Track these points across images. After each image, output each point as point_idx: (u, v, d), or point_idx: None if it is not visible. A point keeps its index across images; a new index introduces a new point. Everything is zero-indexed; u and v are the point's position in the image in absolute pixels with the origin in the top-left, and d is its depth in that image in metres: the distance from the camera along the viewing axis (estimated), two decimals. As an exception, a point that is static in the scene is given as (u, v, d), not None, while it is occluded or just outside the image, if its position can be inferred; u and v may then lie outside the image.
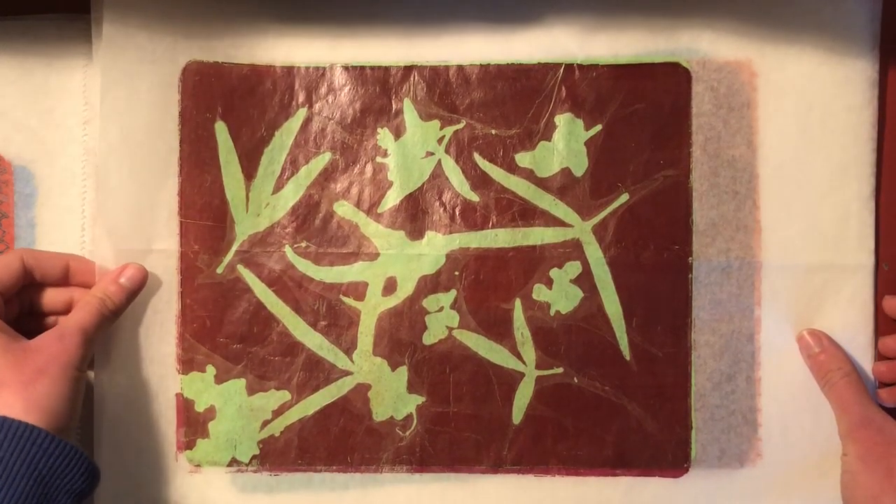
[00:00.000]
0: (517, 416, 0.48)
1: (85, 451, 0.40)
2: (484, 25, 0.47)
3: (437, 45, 0.48)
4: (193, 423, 0.48)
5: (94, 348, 0.44)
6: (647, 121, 0.48)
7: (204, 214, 0.48)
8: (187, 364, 0.48)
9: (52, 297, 0.45)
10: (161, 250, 0.47)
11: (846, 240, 0.47)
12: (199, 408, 0.48)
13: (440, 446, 0.48)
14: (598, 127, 0.48)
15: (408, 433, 0.48)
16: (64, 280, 0.45)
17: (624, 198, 0.48)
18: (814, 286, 0.47)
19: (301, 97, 0.48)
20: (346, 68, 0.48)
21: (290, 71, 0.48)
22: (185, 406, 0.48)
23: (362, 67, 0.48)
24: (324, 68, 0.48)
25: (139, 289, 0.46)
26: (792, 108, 0.47)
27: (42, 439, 0.38)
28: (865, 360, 0.47)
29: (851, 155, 0.47)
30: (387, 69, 0.48)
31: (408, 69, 0.48)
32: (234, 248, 0.48)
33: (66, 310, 0.45)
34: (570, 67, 0.48)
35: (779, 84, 0.47)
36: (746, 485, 0.47)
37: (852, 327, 0.47)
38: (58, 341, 0.41)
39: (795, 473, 0.47)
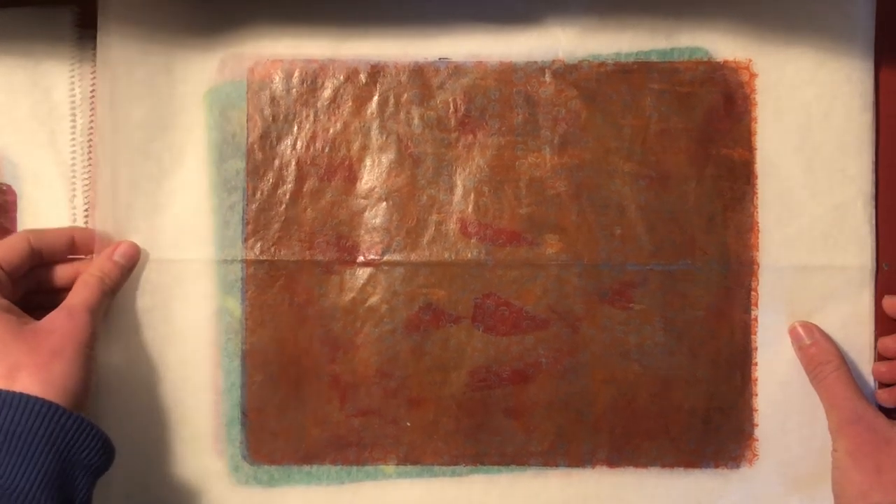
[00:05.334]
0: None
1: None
2: (482, 25, 0.48)
3: (433, 44, 0.48)
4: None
5: (98, 326, 0.45)
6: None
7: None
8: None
9: (57, 274, 0.46)
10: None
11: (845, 240, 0.47)
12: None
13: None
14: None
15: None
16: (69, 253, 0.46)
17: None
18: (812, 287, 0.47)
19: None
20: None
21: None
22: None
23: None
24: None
25: (133, 265, 0.47)
26: (791, 109, 0.47)
27: (60, 416, 0.39)
28: (865, 361, 0.46)
29: (851, 155, 0.47)
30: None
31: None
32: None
33: (71, 284, 0.45)
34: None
35: (779, 84, 0.47)
36: (743, 485, 0.47)
37: (852, 328, 0.46)
38: (68, 321, 0.42)
39: (792, 474, 0.47)
